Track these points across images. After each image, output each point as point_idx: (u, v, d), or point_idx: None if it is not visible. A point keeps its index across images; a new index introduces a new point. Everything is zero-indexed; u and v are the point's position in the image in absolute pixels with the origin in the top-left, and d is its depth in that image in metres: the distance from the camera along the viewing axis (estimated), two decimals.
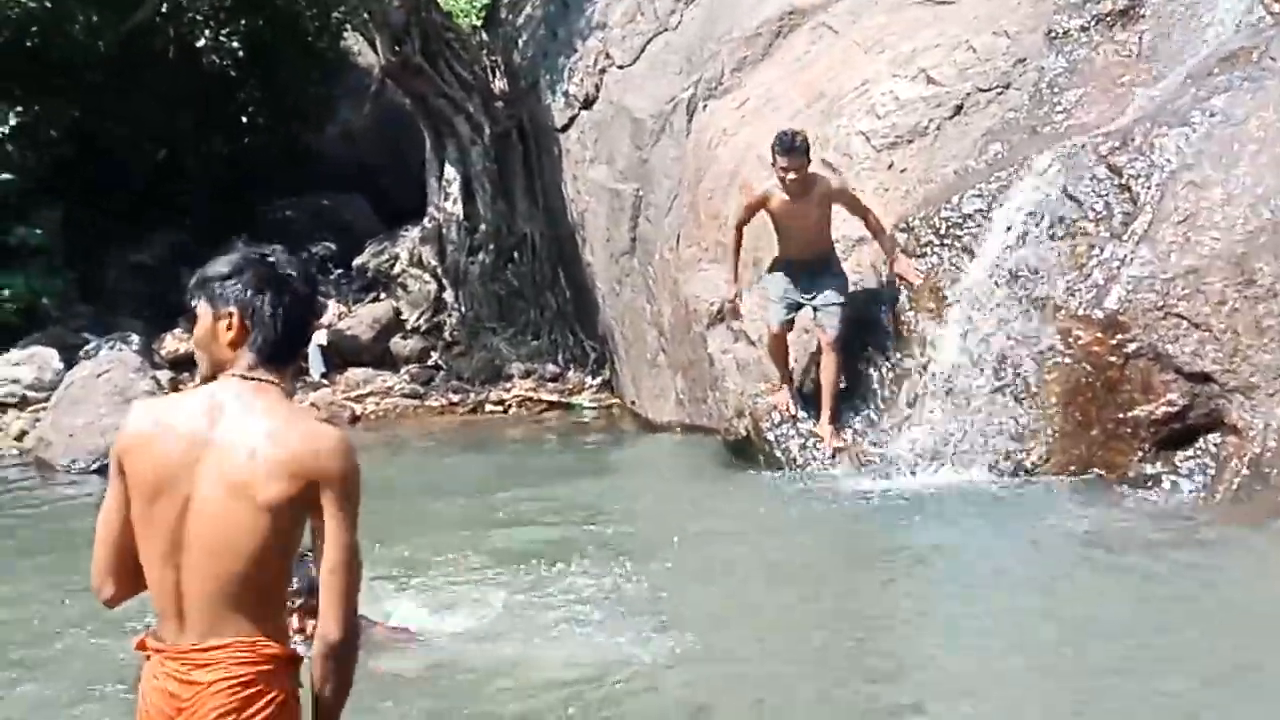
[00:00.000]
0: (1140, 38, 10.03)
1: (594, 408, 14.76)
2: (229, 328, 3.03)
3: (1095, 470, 8.40)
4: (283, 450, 2.93)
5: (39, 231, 15.50)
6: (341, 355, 15.83)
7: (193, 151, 18.03)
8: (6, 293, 15.00)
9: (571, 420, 14.42)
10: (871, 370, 9.58)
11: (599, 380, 15.28)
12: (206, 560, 2.93)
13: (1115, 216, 8.83)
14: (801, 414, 9.75)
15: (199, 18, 17.18)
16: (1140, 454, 8.30)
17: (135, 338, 14.87)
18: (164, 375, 13.91)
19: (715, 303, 11.29)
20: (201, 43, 17.18)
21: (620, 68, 14.91)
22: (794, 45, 12.86)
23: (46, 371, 13.87)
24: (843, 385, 9.57)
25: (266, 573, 2.97)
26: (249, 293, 3.03)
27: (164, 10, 16.90)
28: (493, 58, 16.94)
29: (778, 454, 9.68)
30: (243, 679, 2.91)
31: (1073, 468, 8.49)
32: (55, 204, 15.98)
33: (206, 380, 3.10)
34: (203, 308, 3.08)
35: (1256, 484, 7.68)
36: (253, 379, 3.02)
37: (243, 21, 17.48)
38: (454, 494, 10.50)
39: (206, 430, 2.96)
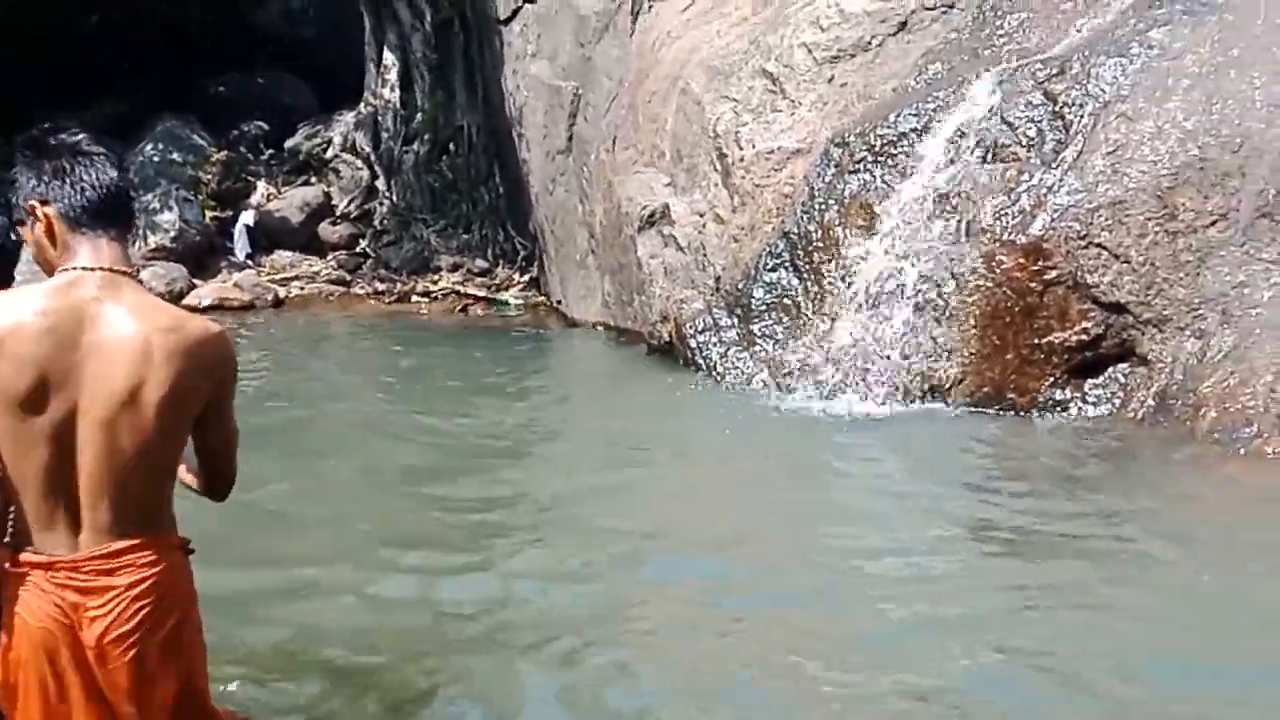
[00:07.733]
0: None
1: (520, 304, 14.72)
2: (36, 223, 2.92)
3: (1008, 394, 8.49)
4: (178, 346, 2.85)
5: None
6: (268, 237, 15.64)
7: (129, 22, 17.55)
8: None
9: (497, 315, 14.36)
10: (795, 282, 9.56)
11: (527, 278, 15.23)
12: (104, 464, 2.82)
13: (1047, 144, 8.85)
14: (725, 322, 9.76)
15: None
16: (1052, 380, 8.40)
17: None
18: None
19: (648, 206, 11.24)
20: None
21: None
22: None
23: None
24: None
25: (163, 471, 2.94)
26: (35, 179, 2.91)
27: None
28: None
29: (699, 360, 9.72)
30: (156, 575, 2.89)
31: (986, 390, 8.57)
32: None
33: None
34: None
35: (1160, 415, 7.81)
36: (106, 271, 2.87)
37: None
38: (381, 388, 10.46)
39: (84, 331, 2.81)
